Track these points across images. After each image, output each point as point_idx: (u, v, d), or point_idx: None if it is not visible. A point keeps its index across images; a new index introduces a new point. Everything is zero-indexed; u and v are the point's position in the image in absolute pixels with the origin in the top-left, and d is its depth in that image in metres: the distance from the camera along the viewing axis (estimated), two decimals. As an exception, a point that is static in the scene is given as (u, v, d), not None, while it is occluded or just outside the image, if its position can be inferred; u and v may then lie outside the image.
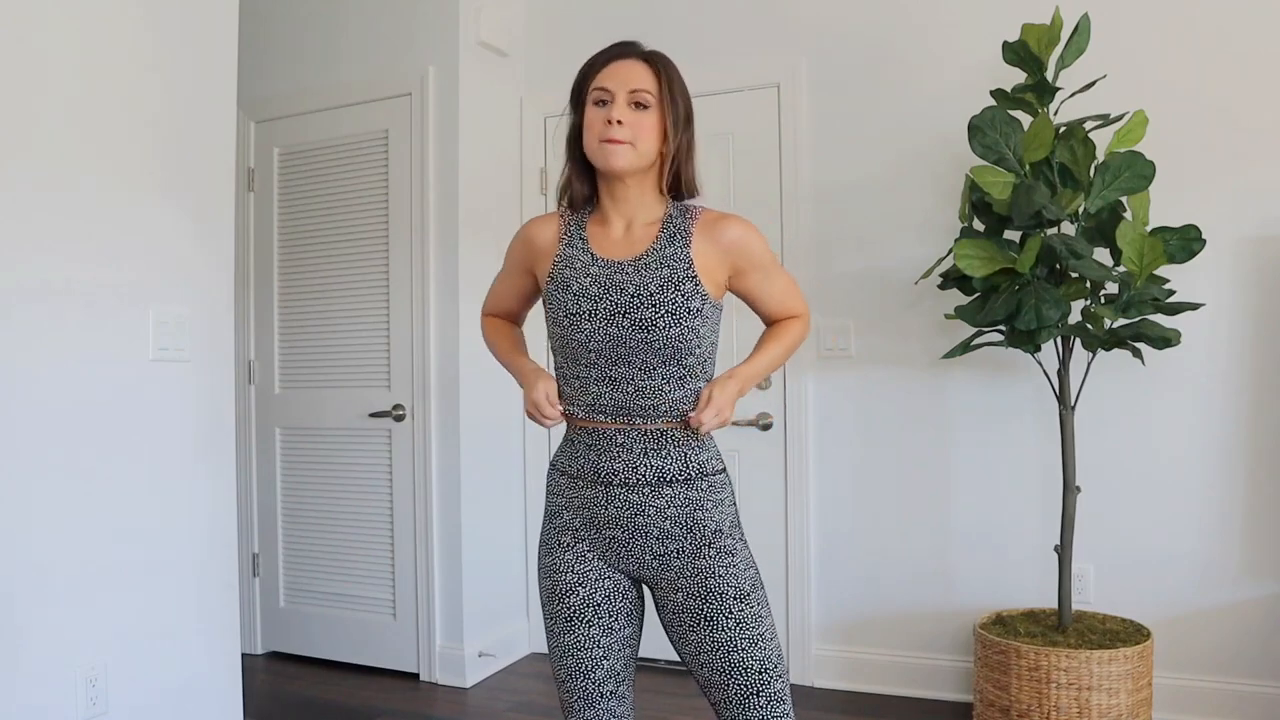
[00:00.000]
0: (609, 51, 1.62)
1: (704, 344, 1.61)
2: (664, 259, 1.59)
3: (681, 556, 1.60)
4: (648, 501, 1.59)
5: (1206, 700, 2.89)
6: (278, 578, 3.80)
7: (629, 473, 1.59)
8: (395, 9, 3.56)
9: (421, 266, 3.48)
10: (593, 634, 1.63)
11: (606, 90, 1.58)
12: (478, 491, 3.53)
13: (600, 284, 1.59)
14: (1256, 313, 2.86)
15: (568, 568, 1.64)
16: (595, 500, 1.62)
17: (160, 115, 2.46)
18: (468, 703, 3.30)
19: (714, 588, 1.58)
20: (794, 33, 3.41)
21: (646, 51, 1.62)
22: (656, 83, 1.59)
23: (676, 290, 1.56)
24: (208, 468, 2.58)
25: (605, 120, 1.57)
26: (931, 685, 3.23)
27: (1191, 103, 2.90)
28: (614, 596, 1.64)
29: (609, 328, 1.57)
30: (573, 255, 1.64)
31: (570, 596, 1.63)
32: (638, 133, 1.57)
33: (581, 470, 1.63)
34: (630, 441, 1.59)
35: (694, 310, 1.57)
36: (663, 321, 1.55)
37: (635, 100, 1.57)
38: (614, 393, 1.59)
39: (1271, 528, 2.85)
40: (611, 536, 1.62)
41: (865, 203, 3.31)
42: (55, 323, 2.20)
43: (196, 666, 2.54)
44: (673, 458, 1.60)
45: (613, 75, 1.59)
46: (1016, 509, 3.12)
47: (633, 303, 1.56)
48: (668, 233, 1.62)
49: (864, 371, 3.32)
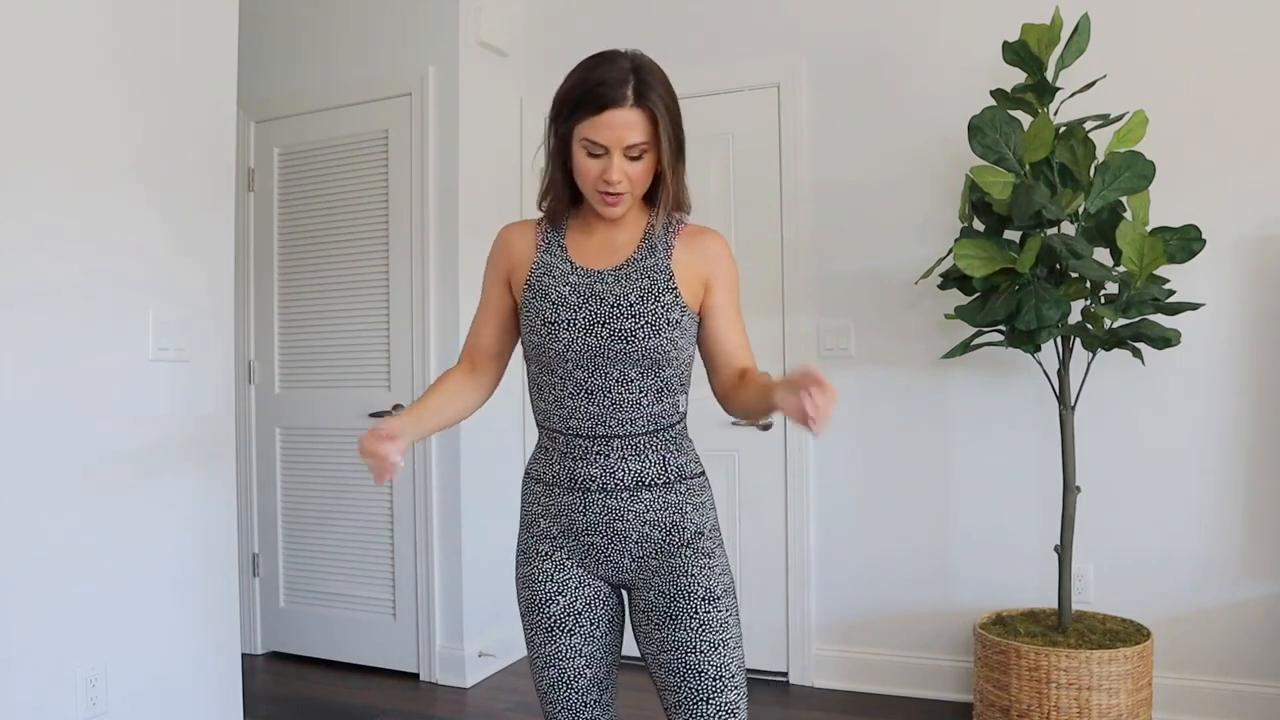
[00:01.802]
0: (597, 95, 1.47)
1: (682, 356, 1.57)
2: (644, 269, 1.56)
3: (659, 556, 1.58)
4: (626, 506, 1.56)
5: (1206, 700, 2.89)
6: (278, 578, 3.80)
7: (606, 478, 1.56)
8: (395, 9, 3.56)
9: (421, 266, 3.48)
10: (574, 643, 1.59)
11: (598, 145, 1.49)
12: (478, 491, 3.53)
13: (579, 293, 1.55)
14: (1256, 313, 2.87)
15: (546, 577, 1.60)
16: (572, 507, 1.58)
17: (160, 115, 2.46)
18: (468, 703, 3.30)
19: (684, 586, 1.54)
20: (794, 33, 3.42)
21: (637, 92, 1.48)
22: (652, 128, 1.50)
23: (656, 301, 1.54)
24: (207, 468, 2.58)
25: (601, 176, 1.50)
26: (931, 685, 3.23)
27: (1191, 103, 2.90)
28: (594, 604, 1.61)
29: (587, 338, 1.53)
30: (551, 263, 1.60)
31: (550, 606, 1.59)
32: (634, 181, 1.52)
33: (557, 477, 1.60)
34: (607, 447, 1.56)
35: (673, 322, 1.54)
36: (642, 332, 1.52)
37: (630, 156, 1.50)
38: (589, 405, 1.55)
39: (1271, 528, 2.85)
40: (590, 543, 1.59)
41: (865, 203, 3.31)
42: (55, 322, 2.20)
43: (196, 666, 2.54)
44: (651, 461, 1.57)
45: (605, 129, 1.48)
46: (1016, 509, 3.12)
47: (612, 313, 1.53)
48: (649, 243, 1.59)
49: (864, 371, 3.32)
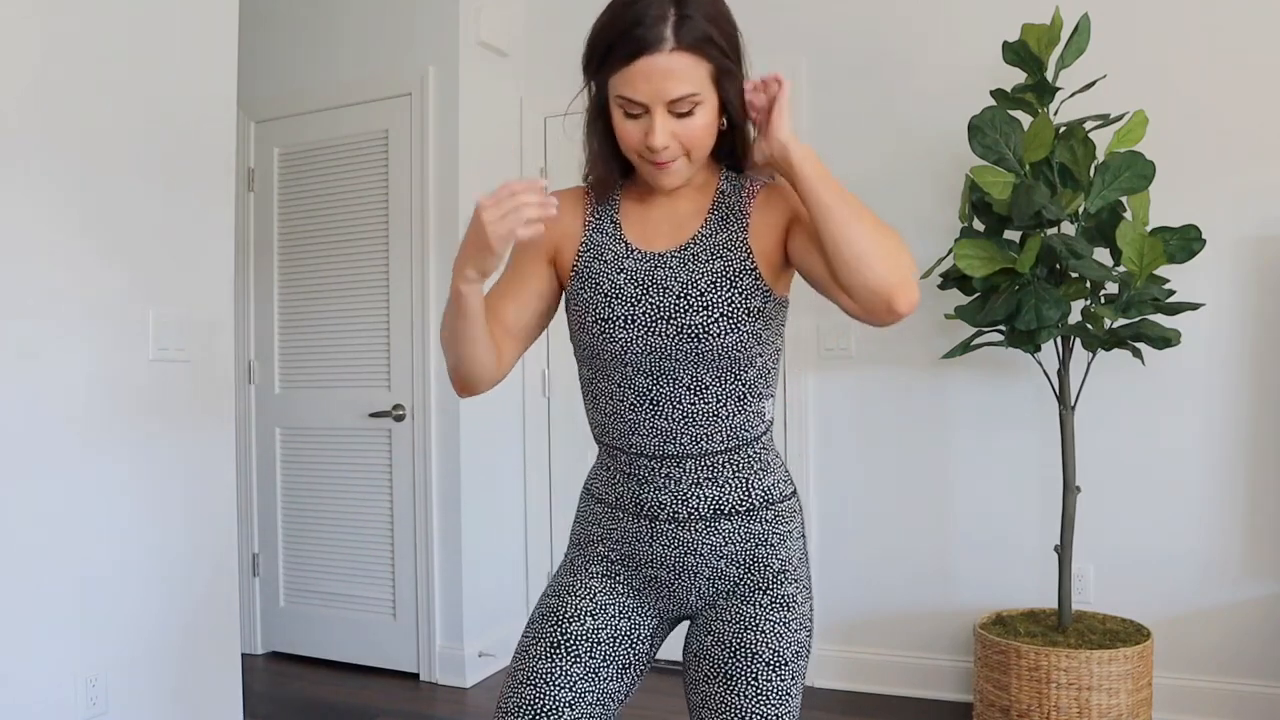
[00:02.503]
0: (630, 39, 1.18)
1: (767, 351, 1.31)
2: (716, 247, 1.28)
3: (731, 597, 1.33)
4: (701, 539, 1.31)
5: (1206, 700, 2.89)
6: (278, 578, 3.80)
7: (678, 505, 1.31)
8: (395, 9, 3.56)
9: (421, 266, 3.48)
10: (573, 671, 1.30)
11: (635, 104, 1.20)
12: (478, 491, 3.53)
13: (637, 282, 1.28)
14: (1256, 313, 2.87)
15: (589, 594, 1.35)
16: (638, 535, 1.34)
17: (160, 115, 2.46)
18: (468, 703, 3.30)
19: (750, 642, 1.29)
20: (794, 33, 3.41)
21: (678, 30, 1.17)
22: (705, 74, 1.19)
23: (732, 287, 1.26)
24: (207, 467, 2.58)
25: (643, 140, 1.21)
26: (931, 685, 3.23)
27: (1191, 103, 2.90)
28: (620, 643, 1.35)
29: (649, 336, 1.26)
30: (602, 244, 1.32)
31: (572, 624, 1.32)
32: (690, 141, 1.22)
33: (620, 500, 1.35)
34: (678, 469, 1.30)
35: (754, 311, 1.26)
36: (716, 328, 1.24)
37: (678, 112, 1.20)
38: (655, 419, 1.28)
39: (1271, 528, 2.85)
40: (653, 576, 1.34)
41: (865, 202, 3.30)
42: (55, 322, 2.20)
43: (196, 666, 2.54)
44: (731, 486, 1.31)
45: (640, 81, 1.18)
46: (1016, 509, 3.12)
47: (679, 305, 1.25)
48: (719, 214, 1.30)
49: (864, 371, 3.32)
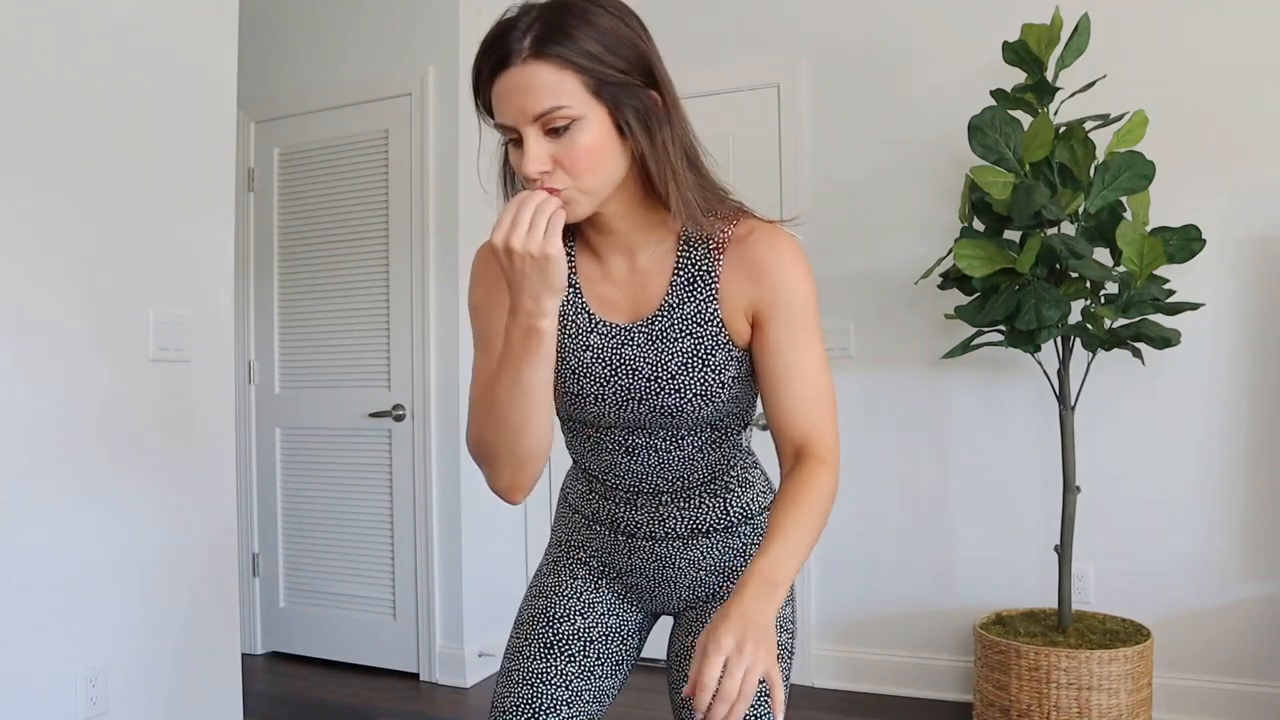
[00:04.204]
0: (486, 57, 1.05)
1: (743, 401, 1.26)
2: (684, 322, 1.16)
3: (713, 599, 1.32)
4: (679, 554, 1.30)
5: (1206, 700, 2.89)
6: (278, 578, 3.80)
7: (655, 525, 1.29)
8: (395, 9, 3.56)
9: (421, 267, 3.48)
10: (568, 671, 1.29)
11: (505, 128, 1.06)
12: (478, 491, 3.53)
13: (605, 360, 1.19)
14: (1256, 313, 2.86)
15: (573, 594, 1.34)
16: (615, 548, 1.33)
17: (160, 115, 2.46)
18: (468, 703, 3.30)
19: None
20: (794, 33, 3.41)
21: (538, 37, 1.02)
22: (575, 81, 1.02)
23: (704, 366, 1.16)
24: (207, 468, 2.58)
25: (523, 171, 1.05)
26: (931, 685, 3.23)
27: (1191, 103, 2.90)
28: (611, 639, 1.34)
29: (621, 412, 1.21)
30: (565, 311, 1.20)
31: (562, 624, 1.31)
32: (573, 165, 1.04)
33: (597, 515, 1.33)
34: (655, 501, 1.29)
35: (729, 381, 1.19)
36: (690, 406, 1.18)
37: (549, 127, 1.03)
38: (632, 463, 1.25)
39: (1271, 528, 2.85)
40: (633, 584, 1.34)
41: (865, 203, 3.31)
42: (55, 322, 2.20)
43: (196, 666, 2.54)
44: (708, 507, 1.29)
45: (501, 101, 1.04)
46: (1016, 509, 3.12)
47: (650, 387, 1.17)
48: (684, 276, 1.16)
49: (864, 371, 3.32)
